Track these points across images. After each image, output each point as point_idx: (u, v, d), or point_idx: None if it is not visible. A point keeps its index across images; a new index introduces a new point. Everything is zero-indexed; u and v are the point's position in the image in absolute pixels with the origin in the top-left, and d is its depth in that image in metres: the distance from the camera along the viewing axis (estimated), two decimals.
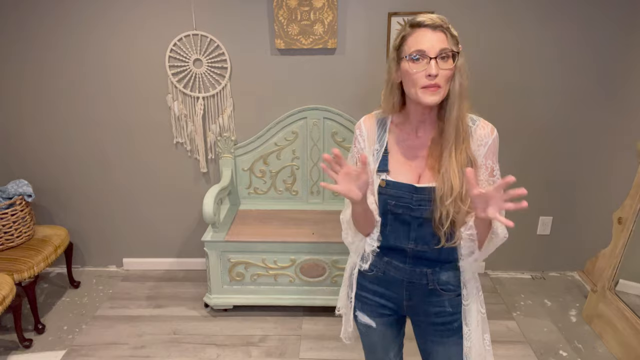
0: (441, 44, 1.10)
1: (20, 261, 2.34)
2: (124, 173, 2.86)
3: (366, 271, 1.34)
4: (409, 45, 1.12)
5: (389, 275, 1.31)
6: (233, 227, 2.56)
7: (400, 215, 1.23)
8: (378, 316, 1.39)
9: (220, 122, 2.72)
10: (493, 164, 1.20)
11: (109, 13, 2.53)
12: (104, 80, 2.66)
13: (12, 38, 2.57)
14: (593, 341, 2.39)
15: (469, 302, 1.28)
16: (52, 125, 2.75)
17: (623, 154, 2.63)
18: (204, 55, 2.59)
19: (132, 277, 2.99)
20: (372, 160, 1.27)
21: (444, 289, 1.28)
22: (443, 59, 1.10)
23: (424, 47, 1.10)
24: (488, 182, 1.18)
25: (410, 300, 1.32)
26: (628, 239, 2.29)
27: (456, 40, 1.13)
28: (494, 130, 1.20)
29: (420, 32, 1.11)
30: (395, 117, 1.28)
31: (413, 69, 1.11)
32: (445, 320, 1.30)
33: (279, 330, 2.46)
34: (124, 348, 2.34)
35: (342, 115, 2.64)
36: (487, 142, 1.18)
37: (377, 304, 1.37)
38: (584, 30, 2.50)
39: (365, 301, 1.38)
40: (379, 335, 1.42)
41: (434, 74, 1.09)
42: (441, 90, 1.12)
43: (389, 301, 1.35)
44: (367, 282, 1.36)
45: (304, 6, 2.46)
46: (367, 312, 1.39)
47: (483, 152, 1.18)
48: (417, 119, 1.23)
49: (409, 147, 1.25)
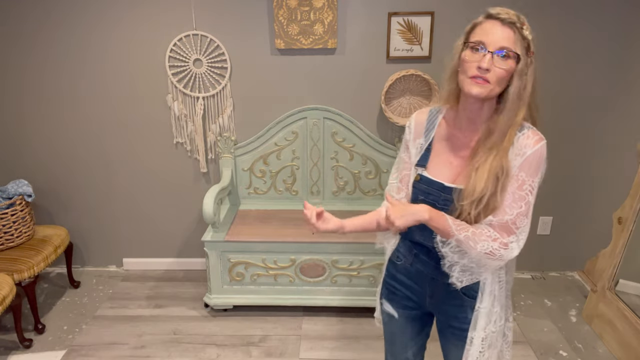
0: (505, 41, 1.06)
1: (20, 261, 2.34)
2: (124, 173, 2.86)
3: (397, 260, 1.38)
4: (475, 33, 1.11)
5: (416, 267, 1.33)
6: (233, 227, 2.56)
7: None
8: (401, 307, 1.41)
9: (220, 122, 2.72)
10: (526, 177, 1.11)
11: (109, 13, 2.53)
12: (104, 79, 2.66)
13: (12, 38, 2.57)
14: (593, 341, 2.39)
15: (480, 309, 1.24)
16: (52, 125, 2.75)
17: (623, 154, 2.63)
18: (204, 55, 2.59)
19: (132, 277, 2.99)
20: (415, 154, 1.28)
21: (466, 294, 1.26)
22: (503, 58, 1.06)
23: (486, 39, 1.07)
24: (514, 194, 1.11)
25: (433, 297, 1.32)
26: (628, 239, 2.29)
27: (527, 43, 1.08)
28: (537, 143, 1.11)
29: (490, 23, 1.08)
30: (449, 113, 1.26)
31: (469, 57, 1.09)
32: (463, 327, 1.29)
33: (279, 330, 2.46)
34: (124, 348, 2.34)
35: (342, 115, 2.64)
36: (526, 152, 1.11)
37: (403, 295, 1.39)
38: (584, 31, 2.50)
39: (392, 290, 1.41)
40: (399, 328, 1.44)
41: (484, 67, 1.05)
42: (489, 86, 1.08)
43: (414, 294, 1.37)
44: (396, 272, 1.39)
45: (304, 6, 2.46)
46: (392, 301, 1.42)
47: (519, 163, 1.11)
48: (467, 117, 1.19)
49: (454, 145, 1.23)
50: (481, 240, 1.11)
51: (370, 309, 2.57)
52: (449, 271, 1.21)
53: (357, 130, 2.66)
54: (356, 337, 2.41)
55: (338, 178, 2.78)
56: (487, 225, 1.14)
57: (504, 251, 1.12)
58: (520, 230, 1.13)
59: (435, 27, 2.51)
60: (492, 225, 1.13)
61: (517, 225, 1.12)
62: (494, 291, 1.25)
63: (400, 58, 2.57)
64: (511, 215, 1.11)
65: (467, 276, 1.22)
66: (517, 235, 1.13)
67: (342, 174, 2.77)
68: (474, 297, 1.25)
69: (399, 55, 2.56)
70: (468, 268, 1.20)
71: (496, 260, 1.13)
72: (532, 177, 1.11)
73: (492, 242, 1.12)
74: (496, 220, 1.13)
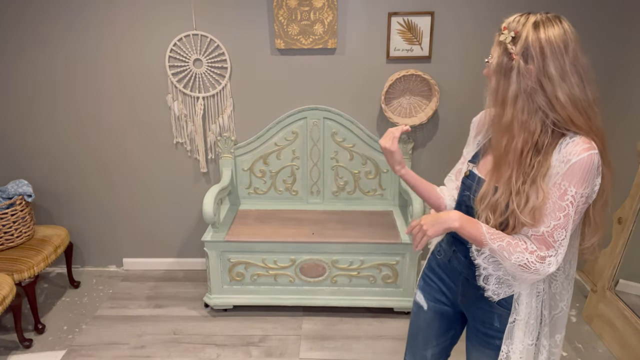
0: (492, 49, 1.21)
1: (20, 261, 2.34)
2: (124, 173, 2.86)
3: (437, 254, 1.41)
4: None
5: (453, 264, 1.34)
6: (233, 227, 2.56)
7: (471, 208, 1.22)
8: (433, 300, 1.42)
9: (220, 122, 2.72)
10: (569, 186, 1.04)
11: (108, 13, 2.53)
12: (104, 79, 2.66)
13: (11, 38, 2.57)
14: (593, 341, 2.39)
15: (514, 322, 1.21)
16: (52, 125, 2.75)
17: (623, 154, 2.63)
18: (204, 55, 2.59)
19: (132, 277, 2.99)
20: (472, 150, 1.32)
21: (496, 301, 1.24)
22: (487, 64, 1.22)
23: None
24: (554, 204, 1.05)
25: (464, 296, 1.33)
26: (628, 239, 2.29)
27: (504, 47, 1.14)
28: (584, 152, 1.03)
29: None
30: None
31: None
32: (489, 334, 1.28)
33: (279, 330, 2.46)
34: (124, 348, 2.34)
35: (342, 115, 2.64)
36: (571, 160, 1.03)
37: (437, 289, 1.41)
38: (584, 30, 2.49)
39: (427, 281, 1.44)
40: (426, 321, 1.45)
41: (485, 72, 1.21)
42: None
43: (448, 290, 1.39)
44: (435, 265, 1.43)
45: (304, 6, 2.46)
46: (425, 292, 1.44)
47: (562, 170, 1.05)
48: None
49: None
50: (516, 252, 1.08)
51: (370, 309, 2.57)
52: (485, 283, 1.20)
53: (357, 130, 2.66)
54: (356, 337, 2.41)
55: (338, 178, 2.78)
56: (524, 236, 1.11)
57: (540, 265, 1.07)
58: (558, 244, 1.07)
59: (435, 27, 2.51)
60: (530, 236, 1.10)
61: (555, 238, 1.06)
62: (530, 303, 1.21)
63: (400, 58, 2.57)
64: (548, 227, 1.06)
65: (505, 289, 1.19)
66: (556, 249, 1.07)
67: (342, 174, 2.77)
68: (503, 305, 1.23)
69: (399, 55, 2.56)
70: (504, 280, 1.18)
71: (532, 274, 1.09)
72: (576, 188, 1.04)
73: (528, 254, 1.07)
74: (533, 232, 1.09)
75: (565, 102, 1.05)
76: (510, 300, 1.22)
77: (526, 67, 1.07)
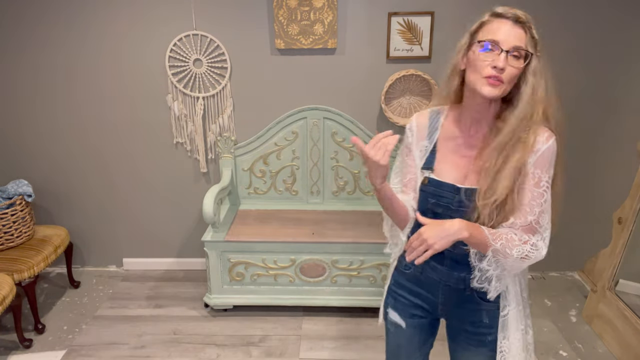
0: (517, 40, 1.06)
1: (20, 261, 2.34)
2: (124, 173, 2.86)
3: (405, 269, 1.33)
4: (485, 32, 1.10)
5: (427, 275, 1.29)
6: (233, 227, 2.56)
7: (439, 214, 1.20)
8: (409, 317, 1.36)
9: (220, 122, 2.72)
10: (541, 173, 1.11)
11: (108, 13, 2.53)
12: (103, 79, 2.66)
13: (11, 38, 2.57)
14: (593, 341, 2.39)
15: (507, 313, 1.22)
16: (52, 125, 2.75)
17: (623, 154, 2.63)
18: (204, 55, 2.59)
19: (132, 277, 2.99)
20: (419, 157, 1.25)
21: (482, 298, 1.23)
22: (515, 57, 1.06)
23: (499, 37, 1.06)
24: (532, 192, 1.10)
25: (446, 304, 1.29)
26: (628, 239, 2.29)
27: (535, 43, 1.09)
28: (550, 139, 1.12)
29: (499, 22, 1.08)
30: (450, 114, 1.25)
31: (482, 57, 1.08)
32: (480, 332, 1.26)
33: (279, 330, 2.46)
34: (124, 348, 2.34)
35: (342, 115, 2.64)
36: (540, 149, 1.10)
37: (411, 304, 1.35)
38: (584, 30, 2.50)
39: (399, 299, 1.37)
40: (406, 338, 1.39)
41: (500, 66, 1.05)
42: (503, 86, 1.08)
43: (424, 302, 1.33)
44: (404, 280, 1.35)
45: (304, 6, 2.46)
46: (399, 310, 1.37)
47: (533, 160, 1.11)
48: (472, 116, 1.19)
49: (458, 145, 1.21)
50: (515, 246, 1.09)
51: (370, 309, 2.57)
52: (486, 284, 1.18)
53: (357, 130, 2.66)
54: (356, 337, 2.41)
55: (338, 178, 2.78)
56: (509, 228, 1.12)
57: (535, 252, 1.11)
58: (543, 229, 1.12)
59: (435, 27, 2.51)
60: (517, 228, 1.11)
61: (541, 224, 1.12)
62: (518, 293, 1.24)
63: (400, 58, 2.57)
64: (534, 215, 1.10)
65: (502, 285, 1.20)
66: (542, 234, 1.12)
67: (342, 174, 2.77)
68: (489, 300, 1.23)
69: (399, 55, 2.56)
70: (502, 277, 1.18)
71: (530, 262, 1.12)
72: (547, 174, 1.11)
73: (523, 245, 1.10)
74: (520, 223, 1.11)
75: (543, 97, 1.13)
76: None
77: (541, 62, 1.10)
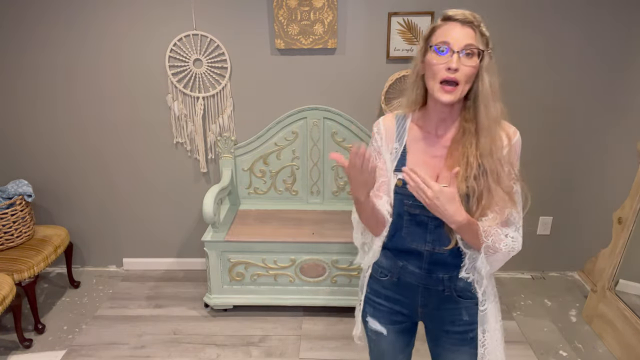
0: (467, 39, 1.09)
1: (20, 261, 2.34)
2: (124, 173, 2.86)
3: (380, 276, 1.32)
4: (437, 36, 1.13)
5: (404, 280, 1.28)
6: (233, 227, 2.56)
7: (417, 215, 1.21)
8: (390, 323, 1.35)
9: (220, 122, 2.72)
10: (511, 167, 1.16)
11: (108, 13, 2.53)
12: (103, 80, 2.66)
13: (11, 38, 2.57)
14: (593, 341, 2.39)
15: (486, 308, 1.24)
16: (52, 125, 2.75)
17: (623, 154, 2.63)
18: (204, 55, 2.59)
19: (132, 277, 2.99)
20: (390, 160, 1.25)
21: (461, 296, 1.25)
22: (467, 55, 1.09)
23: (449, 39, 1.09)
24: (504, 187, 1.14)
25: (426, 306, 1.29)
26: (628, 239, 2.29)
27: (486, 40, 1.12)
28: (516, 133, 1.17)
29: (450, 25, 1.11)
30: (416, 116, 1.27)
31: (435, 60, 1.11)
32: (461, 330, 1.27)
33: (279, 330, 2.46)
34: (124, 348, 2.34)
35: (342, 115, 2.64)
36: (510, 143, 1.16)
37: (391, 311, 1.34)
38: (584, 30, 2.50)
39: (377, 307, 1.35)
40: (389, 343, 1.39)
41: (454, 67, 1.08)
42: (459, 89, 1.11)
43: (403, 307, 1.32)
44: (381, 288, 1.33)
45: (304, 6, 2.46)
46: (379, 318, 1.36)
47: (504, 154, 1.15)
48: (438, 117, 1.21)
49: (428, 146, 1.23)
50: (501, 240, 1.12)
51: None
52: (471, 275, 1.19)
53: (357, 130, 2.66)
54: None
55: (338, 178, 2.78)
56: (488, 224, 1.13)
57: (516, 244, 1.14)
58: (517, 220, 1.16)
59: None
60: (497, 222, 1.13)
61: (514, 216, 1.15)
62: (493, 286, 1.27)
63: (400, 58, 2.57)
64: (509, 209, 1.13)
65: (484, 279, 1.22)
66: (516, 224, 1.16)
67: (342, 174, 2.77)
68: (468, 297, 1.25)
69: (399, 55, 2.56)
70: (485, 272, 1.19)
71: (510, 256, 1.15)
72: (515, 167, 1.16)
73: (506, 238, 1.12)
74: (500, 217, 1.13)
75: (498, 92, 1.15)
76: (471, 288, 1.24)
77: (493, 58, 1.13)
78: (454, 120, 1.21)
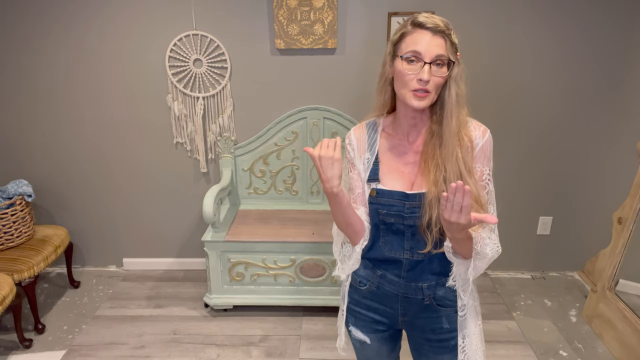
0: (438, 49, 1.07)
1: (20, 261, 2.34)
2: (124, 173, 2.86)
3: (360, 285, 1.31)
4: (407, 43, 1.10)
5: (383, 289, 1.27)
6: (233, 227, 2.56)
7: (393, 224, 1.20)
8: (372, 332, 1.35)
9: (220, 122, 2.72)
10: (483, 167, 1.15)
11: (108, 12, 2.53)
12: (103, 80, 2.66)
13: (10, 38, 2.57)
14: (593, 341, 2.39)
15: (466, 313, 1.23)
16: (52, 125, 2.75)
17: (623, 154, 2.63)
18: (204, 55, 2.59)
19: (132, 277, 2.99)
20: (363, 170, 1.24)
21: (441, 304, 1.24)
22: (438, 65, 1.08)
23: (420, 49, 1.07)
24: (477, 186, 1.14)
25: (406, 315, 1.29)
26: (628, 239, 2.29)
27: (455, 48, 1.10)
28: (486, 132, 1.16)
29: (420, 33, 1.08)
30: (386, 124, 1.26)
31: (406, 70, 1.09)
32: (442, 338, 1.27)
33: (279, 330, 2.46)
34: (124, 348, 2.34)
35: (342, 115, 2.64)
36: (478, 144, 1.15)
37: (372, 320, 1.33)
38: (584, 30, 2.50)
39: (358, 316, 1.35)
40: (373, 351, 1.39)
41: (425, 79, 1.07)
42: (430, 95, 1.10)
43: (384, 316, 1.31)
44: (361, 297, 1.32)
45: (304, 6, 2.46)
46: (361, 327, 1.35)
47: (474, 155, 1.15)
48: (408, 123, 1.20)
49: (400, 153, 1.22)
50: (486, 245, 1.10)
51: None
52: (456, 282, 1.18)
53: None
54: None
55: None
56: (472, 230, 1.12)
57: (499, 248, 1.12)
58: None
59: None
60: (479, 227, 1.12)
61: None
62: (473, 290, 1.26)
63: None
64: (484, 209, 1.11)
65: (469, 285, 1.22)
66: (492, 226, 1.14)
67: None
68: (448, 305, 1.24)
69: None
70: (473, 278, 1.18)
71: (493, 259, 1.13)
72: (487, 165, 1.16)
73: (489, 241, 1.10)
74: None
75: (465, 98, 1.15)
76: (451, 296, 1.23)
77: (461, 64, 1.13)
78: (424, 125, 1.20)
